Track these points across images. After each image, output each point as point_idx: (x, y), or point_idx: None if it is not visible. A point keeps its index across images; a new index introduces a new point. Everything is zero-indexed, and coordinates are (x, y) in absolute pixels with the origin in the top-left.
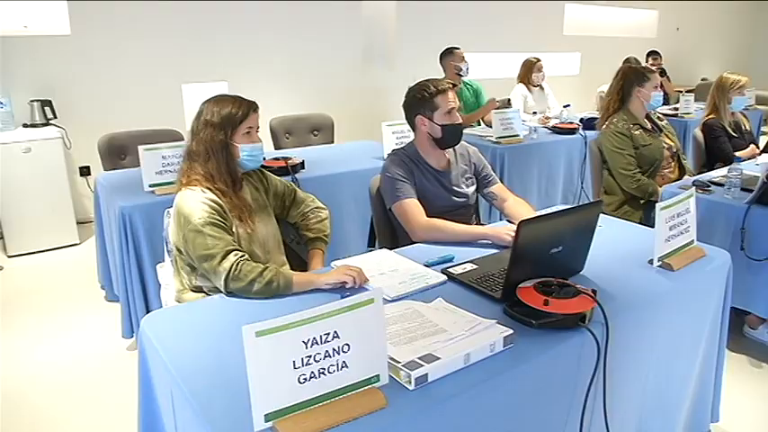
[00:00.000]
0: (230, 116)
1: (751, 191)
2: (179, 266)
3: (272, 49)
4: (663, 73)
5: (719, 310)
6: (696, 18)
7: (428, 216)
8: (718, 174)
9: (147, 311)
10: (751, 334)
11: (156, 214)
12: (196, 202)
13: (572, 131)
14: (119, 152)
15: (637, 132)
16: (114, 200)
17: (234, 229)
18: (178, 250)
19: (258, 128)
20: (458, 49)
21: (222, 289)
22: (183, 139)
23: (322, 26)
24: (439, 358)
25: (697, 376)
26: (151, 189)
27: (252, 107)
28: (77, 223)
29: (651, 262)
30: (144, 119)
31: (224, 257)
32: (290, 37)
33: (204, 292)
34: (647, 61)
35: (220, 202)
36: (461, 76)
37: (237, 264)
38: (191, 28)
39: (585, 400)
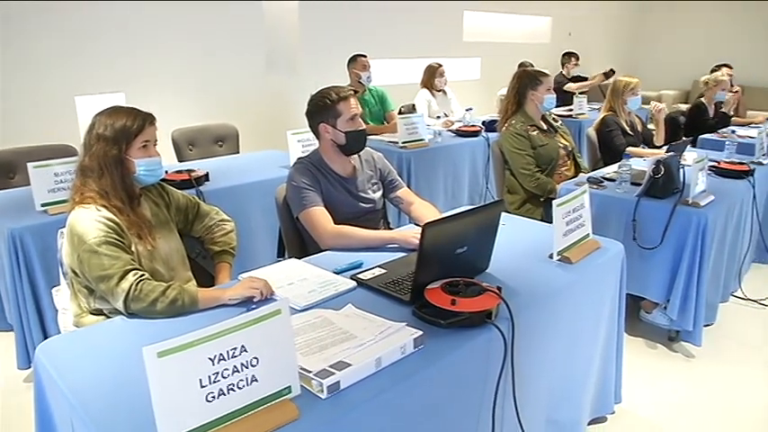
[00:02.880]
0: (124, 129)
1: (640, 185)
2: (76, 289)
3: (170, 56)
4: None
5: (616, 297)
6: (586, 24)
7: (336, 223)
8: (609, 170)
9: (46, 339)
10: (646, 318)
11: (49, 235)
12: (90, 220)
13: (475, 134)
14: (6, 170)
15: (534, 133)
16: (3, 222)
17: (133, 248)
18: (74, 272)
19: (156, 141)
20: (363, 56)
21: (123, 310)
22: (77, 155)
23: (223, 31)
24: (350, 365)
25: (599, 361)
26: (43, 209)
27: (148, 119)
28: None
29: (551, 256)
30: (34, 134)
31: (122, 278)
32: (189, 43)
33: (105, 315)
34: (564, 62)
35: (117, 219)
36: (362, 84)
37: (137, 283)
38: (83, 35)
39: (496, 394)
